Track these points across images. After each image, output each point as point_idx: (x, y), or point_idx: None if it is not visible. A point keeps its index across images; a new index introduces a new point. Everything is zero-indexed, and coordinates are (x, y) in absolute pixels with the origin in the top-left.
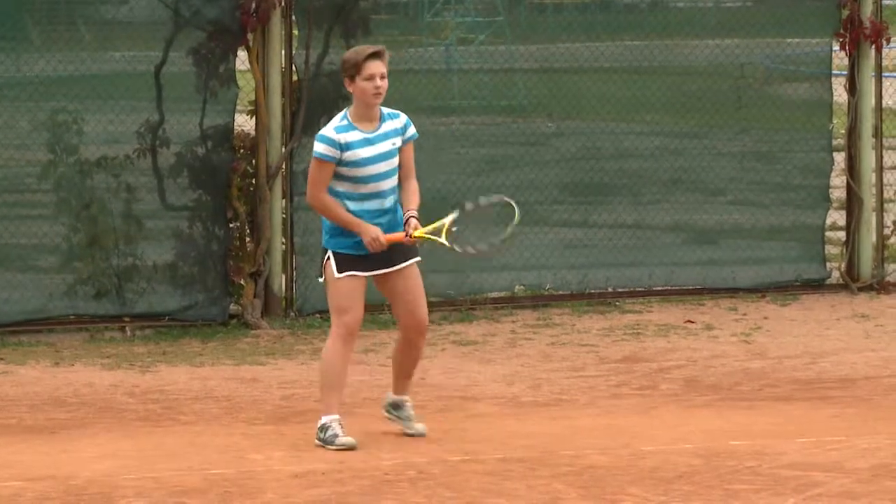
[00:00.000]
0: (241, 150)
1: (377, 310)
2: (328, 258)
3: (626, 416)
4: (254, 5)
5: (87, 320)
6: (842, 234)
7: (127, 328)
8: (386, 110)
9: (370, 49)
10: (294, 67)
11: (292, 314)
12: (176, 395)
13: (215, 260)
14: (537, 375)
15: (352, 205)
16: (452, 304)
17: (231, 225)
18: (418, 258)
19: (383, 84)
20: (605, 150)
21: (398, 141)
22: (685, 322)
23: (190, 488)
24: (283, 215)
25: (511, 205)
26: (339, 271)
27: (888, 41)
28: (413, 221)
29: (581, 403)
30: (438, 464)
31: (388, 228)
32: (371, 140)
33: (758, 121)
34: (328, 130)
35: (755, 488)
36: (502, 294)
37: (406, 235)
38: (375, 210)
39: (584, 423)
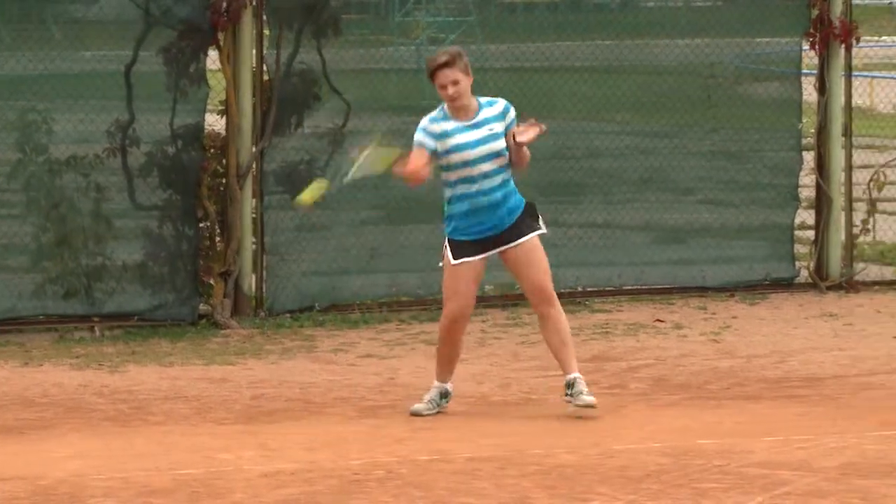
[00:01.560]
0: (212, 150)
1: (348, 309)
2: (445, 246)
3: (596, 416)
4: (224, 5)
5: (56, 320)
6: (811, 234)
7: (96, 328)
8: (484, 99)
9: (438, 60)
10: (265, 67)
11: (262, 314)
12: (145, 395)
13: (185, 260)
14: (507, 375)
15: (460, 188)
16: (422, 304)
17: (201, 224)
18: (540, 231)
19: (456, 90)
20: (575, 149)
21: (497, 126)
22: (654, 321)
23: (159, 488)
24: (254, 215)
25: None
26: (455, 258)
27: (858, 41)
28: (515, 130)
29: (550, 403)
30: (407, 463)
31: (498, 206)
32: (466, 128)
33: (728, 120)
34: (424, 121)
35: (723, 487)
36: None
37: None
38: (481, 190)
39: (553, 422)
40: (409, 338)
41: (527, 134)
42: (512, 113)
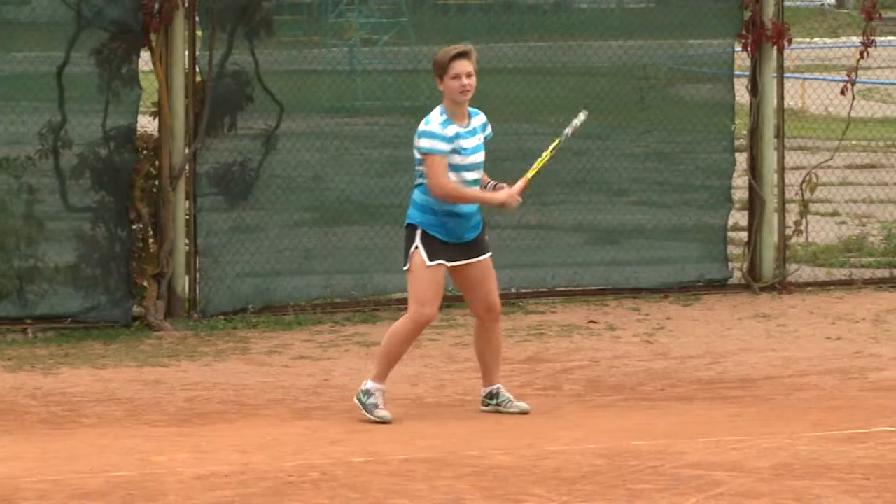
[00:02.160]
0: (144, 152)
1: (281, 311)
2: (416, 247)
3: (530, 417)
4: (156, 6)
5: None
6: (744, 235)
7: (28, 330)
8: (469, 108)
9: (456, 49)
10: (197, 68)
11: (196, 316)
12: (78, 397)
13: (118, 261)
14: (441, 376)
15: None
16: (356, 305)
17: (134, 226)
18: (491, 252)
19: (470, 82)
20: (508, 150)
21: (482, 137)
22: (588, 322)
23: (92, 491)
24: (187, 216)
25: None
26: (431, 259)
27: (790, 42)
28: (506, 185)
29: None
30: (342, 465)
31: (473, 216)
32: (468, 133)
33: (661, 122)
34: (434, 127)
35: (658, 488)
36: (406, 295)
37: (525, 179)
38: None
39: (487, 423)
40: (343, 339)
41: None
42: (489, 129)
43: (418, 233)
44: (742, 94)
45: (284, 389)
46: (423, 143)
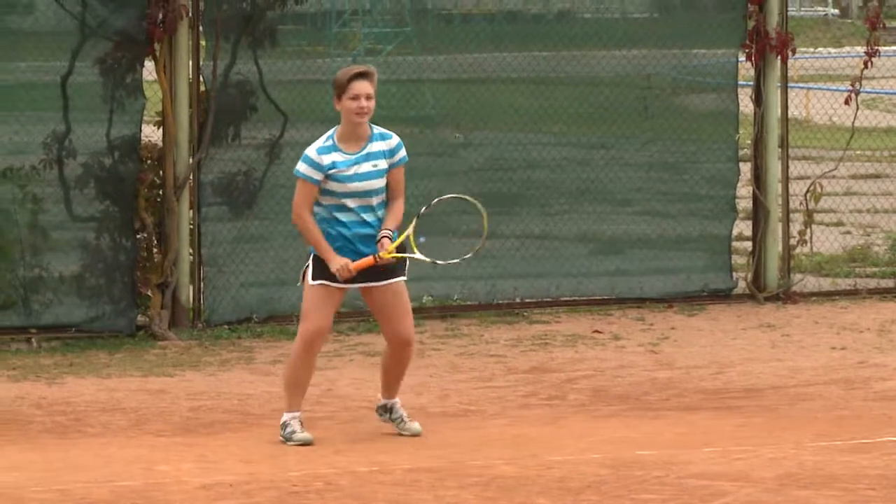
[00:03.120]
0: (149, 161)
1: (286, 320)
2: (308, 265)
3: (534, 427)
4: (161, 16)
5: None
6: (748, 245)
7: (33, 340)
8: (378, 130)
9: (356, 69)
10: (202, 78)
11: (200, 325)
12: (83, 406)
13: (122, 271)
14: (445, 386)
15: (340, 215)
16: (360, 315)
17: (138, 236)
18: (404, 277)
19: (369, 104)
20: (512, 160)
21: (382, 163)
22: (593, 332)
23: (97, 500)
24: (191, 226)
25: (471, 202)
26: (314, 278)
27: (794, 52)
28: (385, 241)
29: (489, 414)
30: (346, 475)
31: (370, 239)
32: (352, 161)
33: (664, 131)
34: (311, 151)
35: (662, 498)
36: (412, 305)
37: (375, 258)
38: (359, 222)
39: (492, 433)
40: (347, 349)
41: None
42: (402, 153)
43: (310, 256)
44: (746, 104)
45: None
46: (299, 165)
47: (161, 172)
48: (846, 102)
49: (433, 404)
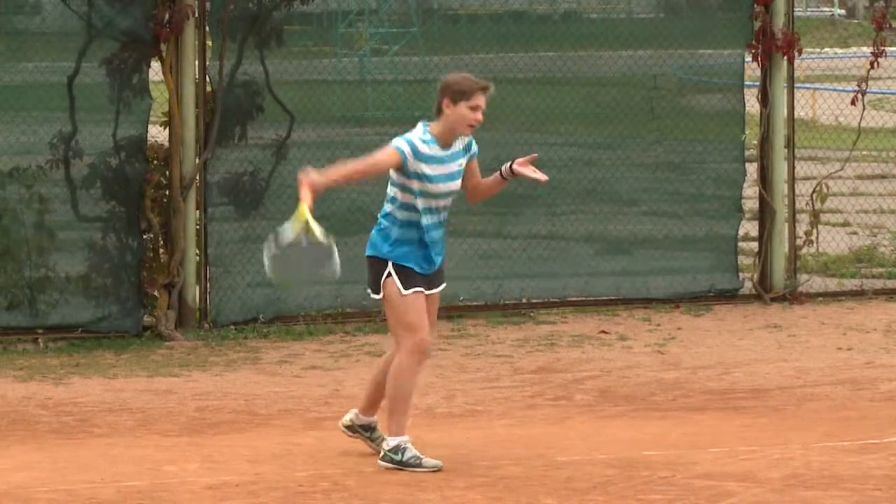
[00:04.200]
0: (155, 161)
1: (292, 321)
2: (389, 274)
3: (541, 427)
4: (167, 16)
5: (0, 332)
6: (754, 245)
7: (40, 340)
8: None
9: (483, 82)
10: (208, 78)
11: (206, 325)
12: (89, 407)
13: (129, 271)
14: (452, 386)
15: (420, 218)
16: (367, 315)
17: (145, 236)
18: (444, 285)
19: (481, 119)
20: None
21: (463, 162)
22: (599, 332)
23: (104, 500)
24: (197, 226)
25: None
26: (407, 287)
27: (800, 52)
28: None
29: (496, 414)
30: (353, 475)
31: (439, 242)
32: (445, 159)
33: (671, 132)
34: (414, 137)
35: (669, 498)
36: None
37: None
38: (436, 223)
39: (498, 433)
40: (354, 349)
41: (529, 171)
42: (474, 147)
43: (389, 265)
44: (752, 105)
45: (295, 399)
46: (396, 140)
47: (167, 173)
48: (852, 103)
49: (439, 405)
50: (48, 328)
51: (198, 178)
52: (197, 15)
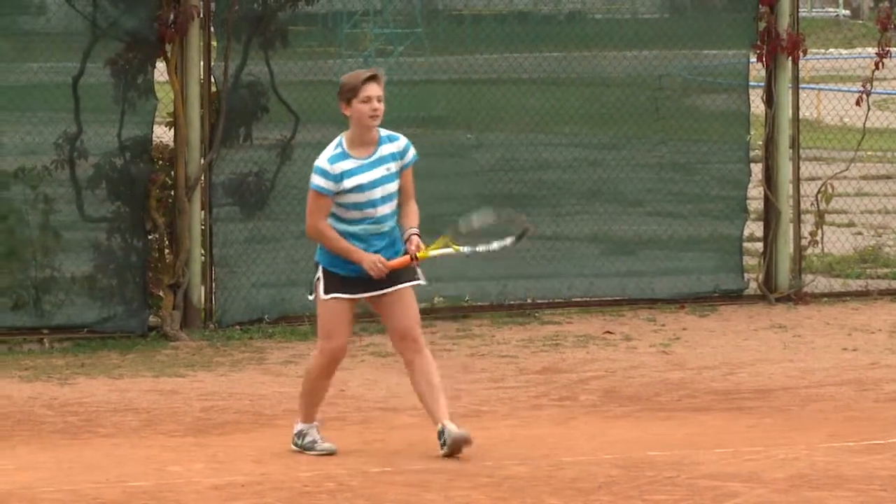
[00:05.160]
0: (160, 162)
1: (297, 321)
2: (318, 278)
3: (546, 427)
4: (172, 16)
5: (5, 332)
6: (759, 245)
7: (45, 340)
8: (385, 133)
9: (367, 72)
10: (213, 79)
11: (212, 326)
12: (95, 407)
13: (134, 271)
14: (457, 387)
15: (351, 228)
16: (371, 316)
17: (150, 236)
18: (417, 281)
19: (380, 106)
20: (523, 161)
21: (394, 166)
22: (604, 333)
23: (109, 501)
24: (203, 227)
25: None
26: (325, 293)
27: (804, 53)
28: (415, 240)
29: (501, 414)
30: (358, 475)
31: (386, 251)
32: (365, 167)
33: (676, 132)
34: (323, 161)
35: (674, 499)
36: (422, 305)
37: (411, 258)
38: (374, 234)
39: (503, 433)
40: (359, 350)
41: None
42: (411, 153)
43: (320, 268)
44: (757, 105)
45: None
46: (312, 177)
47: (172, 173)
48: (857, 103)
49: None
50: (53, 328)
51: (203, 178)
52: (202, 15)
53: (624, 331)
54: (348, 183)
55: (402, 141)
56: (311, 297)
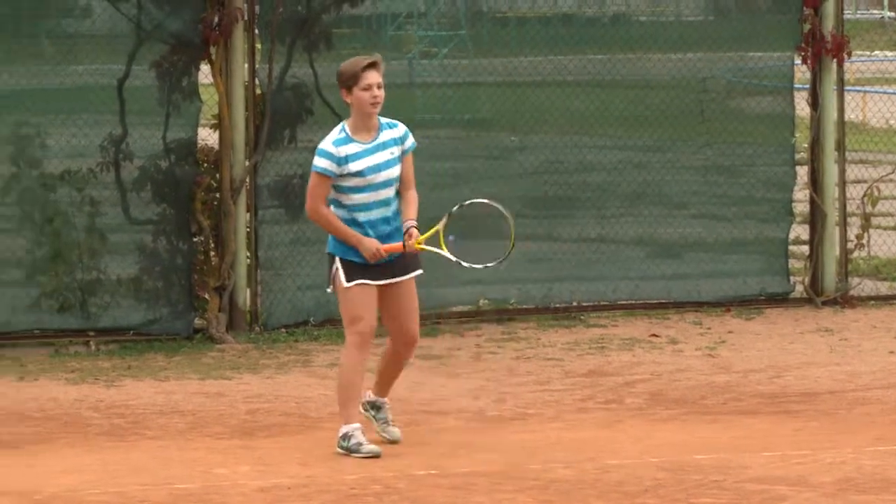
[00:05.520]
0: (205, 164)
1: (342, 324)
2: (336, 268)
3: (592, 430)
4: (216, 19)
5: (52, 334)
6: (805, 248)
7: (91, 342)
8: (384, 120)
9: (367, 59)
10: (257, 81)
11: (257, 328)
12: (141, 409)
13: (180, 274)
14: (502, 389)
15: (360, 215)
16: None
17: (195, 239)
18: (420, 272)
19: (381, 93)
20: (568, 163)
21: (396, 150)
22: (650, 336)
23: (155, 503)
24: (248, 229)
25: (501, 213)
26: (349, 280)
27: (849, 55)
28: (413, 231)
29: (546, 417)
30: (404, 478)
31: (391, 236)
32: (369, 150)
33: (720, 134)
34: (327, 144)
35: (721, 502)
36: (467, 308)
37: (403, 246)
38: (379, 218)
39: (549, 436)
40: None
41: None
42: (410, 139)
43: (336, 259)
44: (802, 107)
45: None
46: (315, 160)
47: (217, 175)
48: None
49: (490, 408)
50: (100, 331)
51: (248, 180)
52: (246, 18)
53: (669, 334)
54: (353, 166)
55: (402, 128)
56: (329, 290)
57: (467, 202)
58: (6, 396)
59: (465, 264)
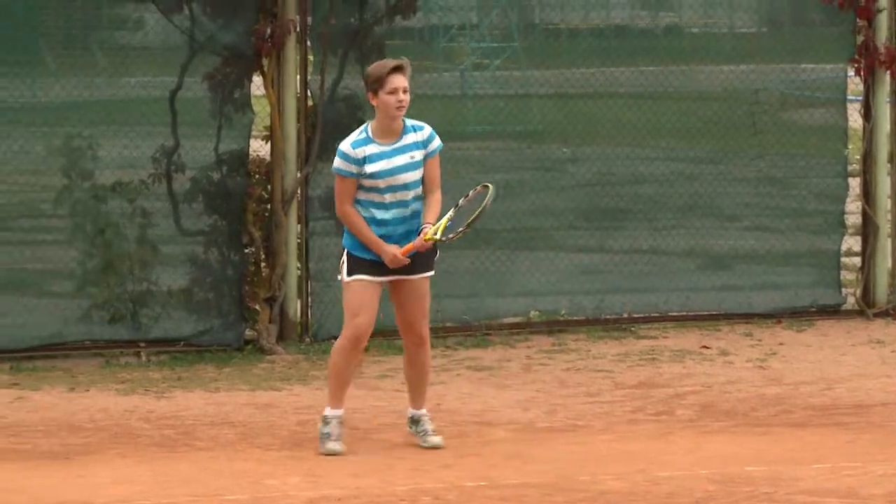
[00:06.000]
0: (257, 176)
1: (392, 335)
2: (343, 261)
3: (642, 442)
4: (269, 31)
5: (103, 345)
6: (857, 260)
7: (142, 353)
8: (410, 122)
9: (393, 63)
10: (309, 92)
11: (308, 339)
12: (191, 420)
13: (230, 285)
14: (553, 401)
15: (377, 213)
16: (468, 330)
17: (246, 250)
18: (431, 273)
19: (406, 97)
20: (620, 175)
21: (418, 154)
22: (701, 347)
23: None
24: (299, 240)
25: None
26: (350, 274)
27: None
28: (426, 229)
29: (597, 429)
30: (454, 490)
31: (406, 236)
32: (388, 153)
33: (773, 146)
34: (345, 145)
35: None
36: (517, 319)
37: (418, 242)
38: (398, 217)
39: (599, 448)
40: (455, 364)
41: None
42: (436, 142)
43: (345, 252)
44: (855, 119)
45: (396, 413)
46: (335, 160)
47: (269, 187)
48: None
49: (540, 419)
50: (150, 341)
51: (299, 192)
52: (298, 29)
53: (720, 345)
54: (369, 168)
55: (427, 130)
56: (339, 278)
57: (471, 192)
58: (57, 407)
59: (443, 239)
